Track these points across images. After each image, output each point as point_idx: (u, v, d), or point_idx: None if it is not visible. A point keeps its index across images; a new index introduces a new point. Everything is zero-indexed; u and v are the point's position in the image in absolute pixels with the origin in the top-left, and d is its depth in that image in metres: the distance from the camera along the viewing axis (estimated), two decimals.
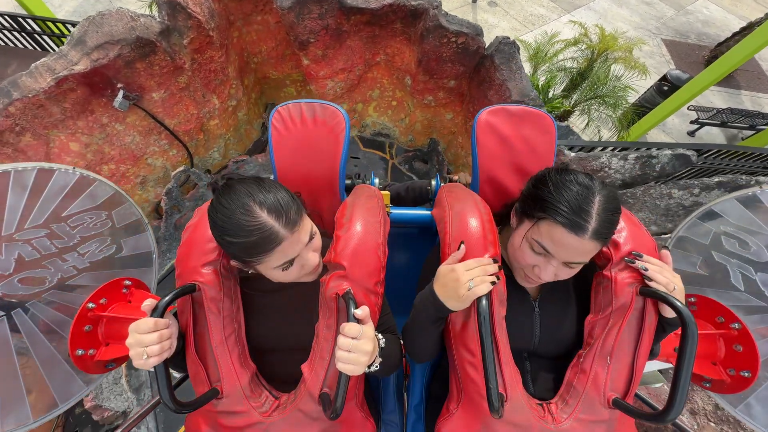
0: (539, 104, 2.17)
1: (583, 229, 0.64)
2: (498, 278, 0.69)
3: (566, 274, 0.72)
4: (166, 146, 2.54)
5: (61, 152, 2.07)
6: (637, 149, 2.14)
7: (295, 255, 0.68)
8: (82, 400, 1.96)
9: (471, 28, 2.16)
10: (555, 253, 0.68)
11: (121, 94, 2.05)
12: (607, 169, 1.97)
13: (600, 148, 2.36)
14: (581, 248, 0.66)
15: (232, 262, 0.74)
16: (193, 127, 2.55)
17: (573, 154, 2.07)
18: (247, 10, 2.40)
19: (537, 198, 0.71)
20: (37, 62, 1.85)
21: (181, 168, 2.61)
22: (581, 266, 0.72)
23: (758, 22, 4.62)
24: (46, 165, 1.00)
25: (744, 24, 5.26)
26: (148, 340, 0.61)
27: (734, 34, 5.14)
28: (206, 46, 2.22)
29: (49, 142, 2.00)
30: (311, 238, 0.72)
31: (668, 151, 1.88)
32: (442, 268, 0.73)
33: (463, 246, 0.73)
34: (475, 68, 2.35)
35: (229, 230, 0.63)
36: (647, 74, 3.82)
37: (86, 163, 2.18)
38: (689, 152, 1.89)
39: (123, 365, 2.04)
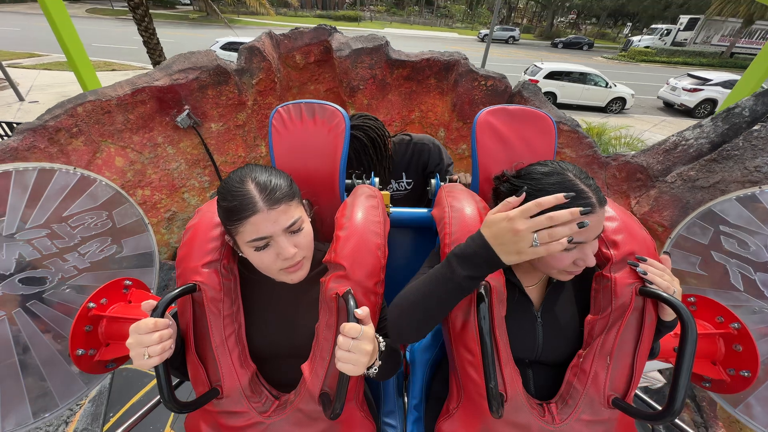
0: (576, 124, 2.30)
1: (592, 206, 0.65)
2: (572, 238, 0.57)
3: (595, 246, 0.71)
4: (206, 184, 2.59)
5: (104, 165, 2.09)
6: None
7: (267, 234, 0.68)
8: None
9: (497, 74, 2.54)
10: (586, 238, 0.67)
11: (186, 112, 2.25)
12: (683, 143, 1.90)
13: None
14: (600, 220, 0.67)
15: (226, 237, 0.77)
16: None
17: (634, 153, 2.12)
18: (304, 79, 2.77)
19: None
20: (123, 79, 2.09)
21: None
22: None
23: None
24: (47, 165, 1.00)
25: None
26: (148, 340, 0.62)
27: None
28: (269, 90, 2.53)
29: (97, 152, 2.04)
30: (295, 229, 0.72)
31: (750, 96, 1.81)
32: (493, 216, 0.61)
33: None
34: None
35: (221, 194, 0.70)
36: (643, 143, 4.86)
37: (123, 182, 2.19)
38: None
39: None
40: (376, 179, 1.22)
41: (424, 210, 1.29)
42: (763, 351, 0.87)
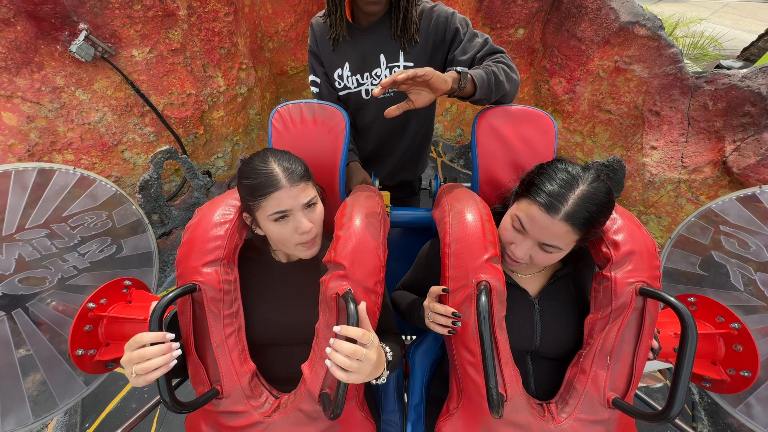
0: (660, 26, 1.53)
1: (555, 210, 0.67)
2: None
3: (542, 258, 0.74)
4: (151, 137, 1.85)
5: None
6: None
7: (288, 208, 0.75)
8: None
9: None
10: (528, 229, 0.72)
11: (83, 35, 1.39)
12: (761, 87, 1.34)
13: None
14: (552, 229, 0.68)
15: (244, 215, 0.82)
16: (190, 114, 1.87)
17: (746, 72, 1.50)
18: None
19: (528, 183, 0.75)
20: None
21: (164, 147, 1.73)
22: (558, 254, 0.72)
23: None
24: (47, 165, 1.00)
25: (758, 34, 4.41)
26: (138, 357, 0.59)
27: (758, 38, 4.24)
28: None
29: None
30: (310, 204, 0.79)
31: None
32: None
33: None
34: (554, 4, 1.80)
35: (245, 173, 0.76)
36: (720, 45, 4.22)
37: (29, 146, 1.50)
38: None
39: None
40: (377, 179, 1.22)
41: (425, 210, 1.29)
42: (763, 351, 0.86)
